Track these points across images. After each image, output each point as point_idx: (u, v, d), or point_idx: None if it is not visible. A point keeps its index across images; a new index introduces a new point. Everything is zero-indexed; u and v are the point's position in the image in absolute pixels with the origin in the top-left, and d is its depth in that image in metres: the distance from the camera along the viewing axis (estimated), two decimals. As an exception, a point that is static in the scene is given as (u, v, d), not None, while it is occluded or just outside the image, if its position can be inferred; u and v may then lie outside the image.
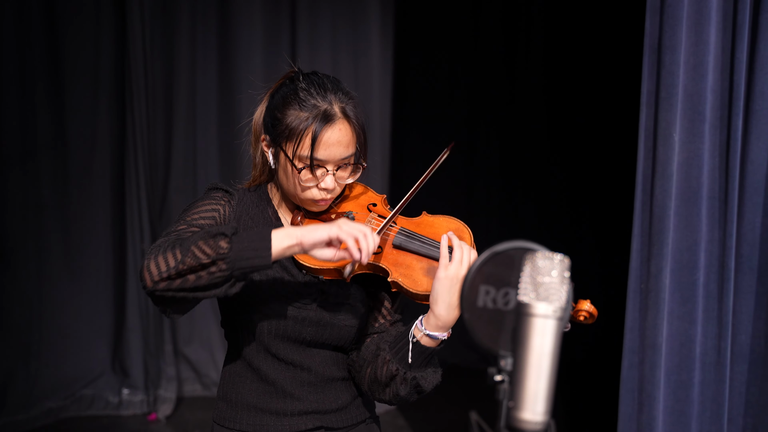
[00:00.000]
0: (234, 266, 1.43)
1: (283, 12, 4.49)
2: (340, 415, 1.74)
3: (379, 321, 1.74)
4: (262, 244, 1.44)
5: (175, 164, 4.57)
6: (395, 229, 1.69)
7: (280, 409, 1.70)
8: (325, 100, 1.61)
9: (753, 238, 2.43)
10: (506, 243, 1.07)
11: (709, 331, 2.43)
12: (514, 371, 1.00)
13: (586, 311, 1.62)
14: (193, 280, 1.44)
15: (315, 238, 1.45)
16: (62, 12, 4.19)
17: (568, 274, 1.01)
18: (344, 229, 1.45)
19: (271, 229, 1.46)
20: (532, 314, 0.99)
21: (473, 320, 1.06)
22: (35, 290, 4.26)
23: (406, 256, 1.65)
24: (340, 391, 1.75)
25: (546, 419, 0.99)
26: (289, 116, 1.61)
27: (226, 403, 1.75)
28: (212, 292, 1.46)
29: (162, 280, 1.44)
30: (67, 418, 4.30)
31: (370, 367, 1.66)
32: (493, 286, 1.07)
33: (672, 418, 2.44)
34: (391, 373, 1.61)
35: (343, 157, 1.62)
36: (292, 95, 1.62)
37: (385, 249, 1.66)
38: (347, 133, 1.62)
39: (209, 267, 1.43)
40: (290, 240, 1.45)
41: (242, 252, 1.43)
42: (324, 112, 1.59)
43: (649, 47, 2.38)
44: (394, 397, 1.64)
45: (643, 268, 2.43)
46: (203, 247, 1.43)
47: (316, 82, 1.64)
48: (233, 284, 1.47)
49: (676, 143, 2.35)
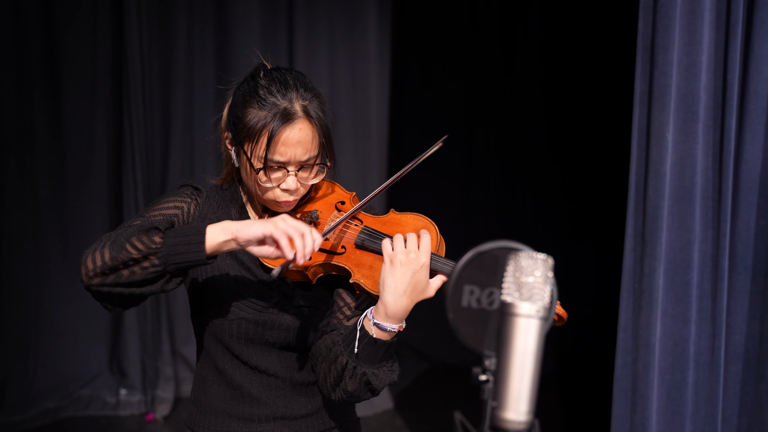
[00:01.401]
0: (167, 261, 1.41)
1: (280, 10, 4.49)
2: (310, 421, 1.69)
3: (337, 317, 1.64)
4: (195, 238, 1.41)
5: (172, 164, 4.57)
6: (358, 228, 1.62)
7: (247, 414, 1.66)
8: (285, 98, 1.54)
9: (747, 237, 2.43)
10: (491, 243, 1.07)
11: (703, 331, 2.43)
12: (497, 371, 1.00)
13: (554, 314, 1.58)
14: (126, 276, 1.41)
15: (250, 234, 1.40)
16: (59, 12, 4.19)
17: (551, 273, 1.01)
18: (279, 227, 1.39)
19: (207, 225, 1.43)
20: (515, 314, 0.99)
21: (458, 320, 1.06)
22: (33, 290, 4.26)
23: (369, 256, 1.58)
24: (308, 396, 1.69)
25: (530, 419, 0.99)
26: (248, 114, 1.55)
27: (197, 407, 1.71)
28: (148, 288, 1.44)
29: (96, 276, 1.41)
30: (65, 418, 4.29)
31: (324, 363, 1.58)
32: (478, 286, 1.07)
33: (666, 417, 2.44)
34: (342, 366, 1.52)
35: (304, 157, 1.56)
36: (252, 93, 1.56)
37: (348, 249, 1.59)
38: (308, 132, 1.55)
39: (142, 262, 1.40)
40: (225, 235, 1.41)
41: (175, 247, 1.40)
42: (283, 111, 1.53)
43: (642, 47, 2.38)
44: (345, 393, 1.55)
45: (637, 268, 2.43)
46: (135, 243, 1.40)
47: (277, 78, 1.57)
48: (169, 280, 1.44)
49: (669, 143, 2.35)
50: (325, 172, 1.64)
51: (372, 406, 4.41)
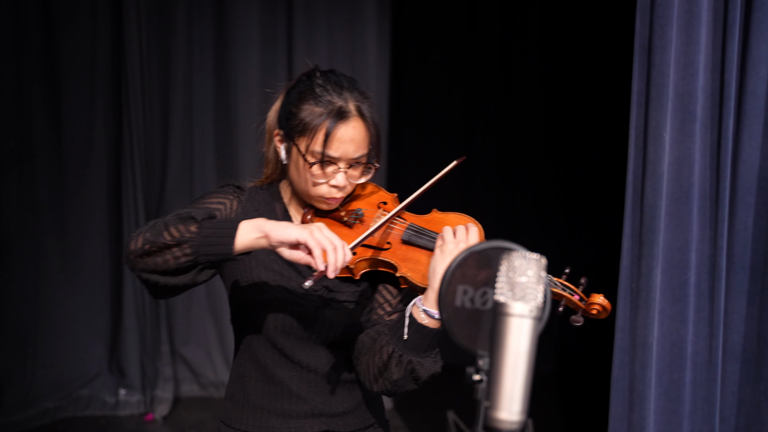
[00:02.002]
0: (198, 251, 1.43)
1: (280, 11, 4.50)
2: (347, 419, 1.72)
3: (378, 313, 1.70)
4: (227, 232, 1.43)
5: (171, 164, 4.57)
6: (404, 225, 1.69)
7: (286, 410, 1.68)
8: (341, 97, 1.61)
9: (745, 237, 2.43)
10: (484, 242, 1.08)
11: (701, 331, 2.43)
12: (490, 371, 1.00)
13: (599, 305, 1.62)
14: (161, 263, 1.44)
15: (283, 236, 1.42)
16: (59, 13, 4.20)
17: (544, 273, 1.02)
18: (315, 236, 1.42)
19: (241, 220, 1.45)
20: (508, 314, 0.99)
21: (451, 320, 1.07)
22: (32, 290, 4.26)
23: (415, 251, 1.65)
24: (347, 393, 1.72)
25: (522, 419, 1.00)
26: (303, 111, 1.61)
27: (233, 402, 1.74)
28: (181, 278, 1.46)
29: (136, 257, 1.45)
30: (64, 418, 4.30)
31: (367, 354, 1.62)
32: (471, 286, 1.07)
33: (663, 417, 2.44)
34: (387, 354, 1.56)
35: (356, 155, 1.62)
36: (308, 91, 1.62)
37: (394, 245, 1.65)
38: (361, 131, 1.62)
39: (174, 250, 1.43)
40: (257, 232, 1.43)
41: (207, 238, 1.42)
42: (339, 109, 1.59)
43: (639, 47, 2.38)
44: (389, 382, 1.57)
45: (634, 268, 2.43)
46: (172, 230, 1.43)
47: (332, 79, 1.64)
48: (200, 271, 1.46)
49: (667, 143, 2.35)
50: (372, 172, 1.70)
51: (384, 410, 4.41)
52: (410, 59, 5.42)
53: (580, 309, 1.63)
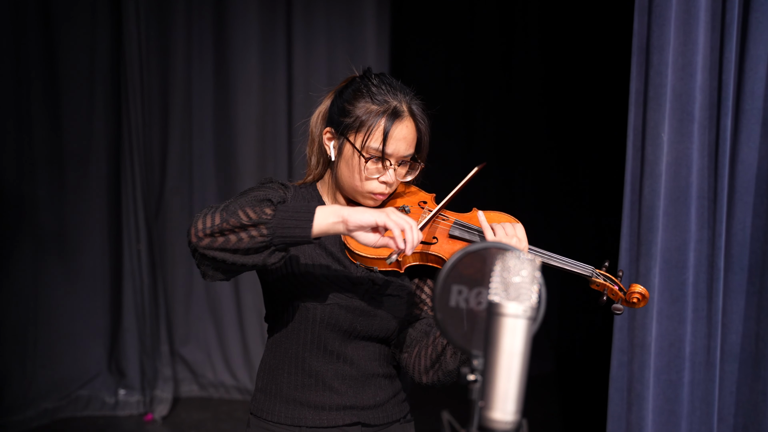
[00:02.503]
0: (275, 233, 1.45)
1: (279, 11, 4.49)
2: (377, 412, 1.75)
3: (421, 308, 1.75)
4: (305, 216, 1.46)
5: (171, 165, 4.58)
6: (449, 221, 1.75)
7: (319, 402, 1.71)
8: (395, 97, 1.68)
9: (743, 237, 2.43)
10: (479, 243, 1.08)
11: (699, 331, 2.44)
12: (484, 371, 1.00)
13: (639, 293, 1.72)
14: (234, 241, 1.45)
15: (361, 220, 1.45)
16: (58, 12, 4.19)
17: (539, 273, 1.02)
18: (392, 218, 1.46)
19: (317, 204, 1.48)
20: (502, 314, 0.99)
21: (446, 320, 1.07)
22: (31, 291, 4.26)
23: (462, 245, 1.69)
24: (380, 387, 1.75)
25: (517, 419, 0.99)
26: (359, 108, 1.67)
27: (265, 394, 1.76)
28: (251, 258, 1.47)
29: (206, 236, 1.46)
30: (64, 418, 4.30)
31: (418, 346, 1.68)
32: (466, 286, 1.07)
33: (662, 417, 2.44)
34: (443, 344, 1.61)
35: (406, 153, 1.68)
36: (364, 89, 1.69)
37: (441, 239, 1.71)
38: (412, 131, 1.69)
39: (251, 230, 1.45)
40: (335, 217, 1.46)
41: (285, 221, 1.45)
42: (395, 108, 1.66)
43: (637, 47, 2.38)
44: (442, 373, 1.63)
45: (632, 268, 2.43)
46: (248, 211, 1.46)
47: (386, 81, 1.72)
48: (272, 253, 1.47)
49: (665, 143, 2.35)
50: (418, 171, 1.76)
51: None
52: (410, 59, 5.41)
53: (620, 298, 1.73)
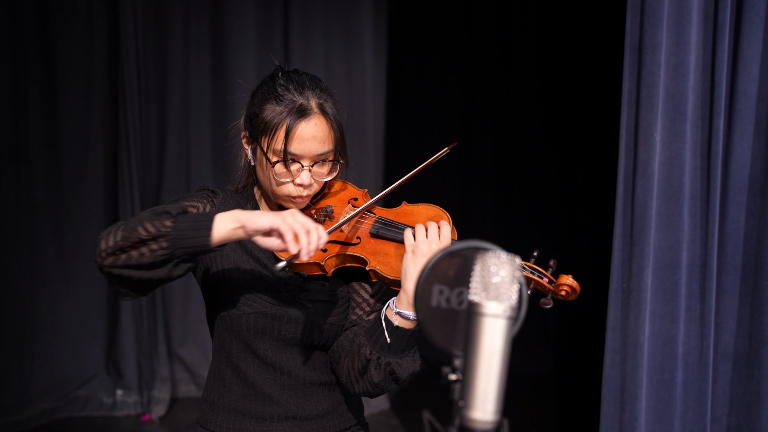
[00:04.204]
0: (175, 245, 1.43)
1: (276, 12, 4.50)
2: (321, 422, 1.71)
3: (357, 313, 1.70)
4: (204, 224, 1.43)
5: (168, 165, 4.58)
6: (372, 218, 1.68)
7: (260, 412, 1.68)
8: (302, 95, 1.61)
9: (737, 237, 2.43)
10: (460, 242, 1.08)
11: (692, 331, 2.43)
12: (464, 371, 1.00)
13: (567, 286, 1.59)
14: (136, 257, 1.43)
15: (257, 224, 1.42)
16: (55, 13, 4.20)
17: (519, 273, 1.01)
18: (287, 221, 1.41)
19: (217, 213, 1.46)
20: (482, 314, 0.99)
21: (427, 320, 1.07)
22: (29, 291, 4.26)
23: (384, 244, 1.64)
24: (322, 396, 1.72)
25: (497, 418, 0.99)
26: (265, 110, 1.61)
27: (209, 404, 1.74)
28: (156, 272, 1.45)
29: (108, 255, 1.44)
30: (61, 419, 4.30)
31: (347, 357, 1.63)
32: (447, 286, 1.07)
33: (655, 417, 2.44)
34: (366, 358, 1.57)
35: (319, 152, 1.61)
36: (270, 91, 1.63)
37: (363, 239, 1.65)
38: (323, 128, 1.61)
39: (150, 244, 1.43)
40: (234, 223, 1.44)
41: (184, 231, 1.43)
42: (300, 107, 1.59)
43: (629, 47, 2.38)
44: (370, 384, 1.59)
45: (625, 267, 2.43)
46: (147, 225, 1.43)
47: (294, 79, 1.64)
48: (177, 265, 1.46)
49: (658, 143, 2.35)
50: (338, 170, 1.69)
51: (368, 406, 4.41)
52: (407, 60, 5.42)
53: (549, 291, 1.60)
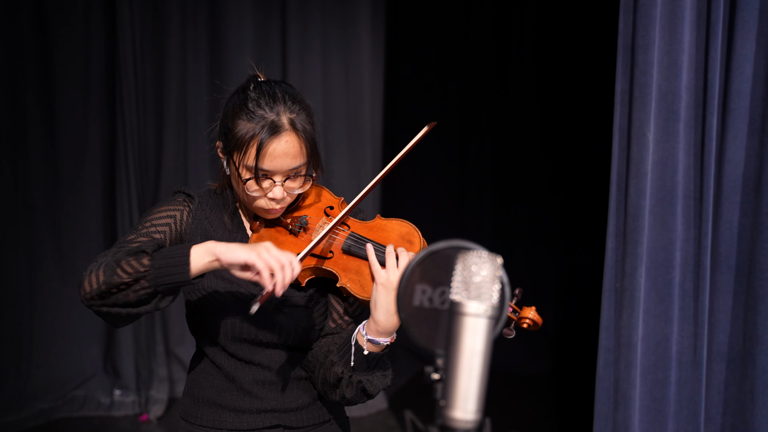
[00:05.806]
0: (156, 283, 1.47)
1: (274, 14, 4.49)
2: (299, 415, 1.75)
3: (336, 322, 1.73)
4: (181, 260, 1.47)
5: (165, 166, 4.58)
6: (345, 233, 1.68)
7: (239, 406, 1.72)
8: (273, 111, 1.60)
9: (731, 237, 2.43)
10: (442, 242, 1.08)
11: (686, 330, 2.43)
12: (446, 370, 1.00)
13: (530, 319, 1.58)
14: (122, 298, 1.49)
15: (232, 258, 1.46)
16: (52, 15, 4.20)
17: (500, 272, 1.02)
18: (263, 257, 1.44)
19: (192, 246, 1.49)
20: (463, 313, 0.99)
21: (409, 319, 1.07)
22: (27, 292, 4.27)
23: (355, 261, 1.64)
24: (301, 390, 1.75)
25: (478, 417, 1.00)
26: (237, 126, 1.61)
27: (190, 398, 1.78)
28: (143, 308, 1.51)
29: (93, 298, 1.51)
30: (59, 419, 4.30)
31: (321, 368, 1.67)
32: (430, 285, 1.07)
33: (648, 416, 2.44)
34: (338, 375, 1.62)
35: (291, 167, 1.62)
36: (242, 105, 1.62)
37: (336, 254, 1.65)
38: (294, 144, 1.61)
39: (133, 286, 1.48)
40: (209, 256, 1.48)
41: (162, 269, 1.47)
42: (271, 124, 1.59)
43: (622, 46, 2.38)
44: (342, 399, 1.65)
45: (618, 267, 2.43)
46: (125, 267, 1.48)
47: (267, 91, 1.63)
48: (162, 298, 1.51)
49: (650, 142, 2.35)
50: (311, 183, 1.69)
51: (366, 406, 4.40)
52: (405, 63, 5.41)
53: (512, 321, 1.59)
